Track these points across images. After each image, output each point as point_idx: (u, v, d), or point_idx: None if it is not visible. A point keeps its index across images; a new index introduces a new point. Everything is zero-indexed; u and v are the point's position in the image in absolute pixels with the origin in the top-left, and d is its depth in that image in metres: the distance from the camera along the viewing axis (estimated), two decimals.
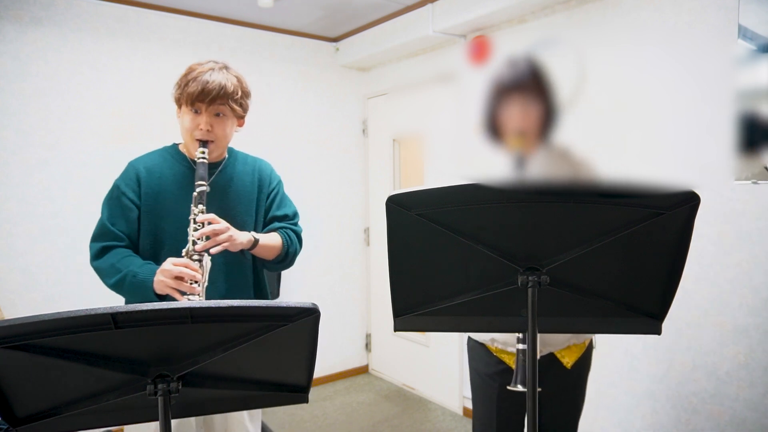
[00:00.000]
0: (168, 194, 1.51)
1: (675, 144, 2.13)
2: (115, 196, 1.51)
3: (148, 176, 1.52)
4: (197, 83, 1.45)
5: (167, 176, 1.53)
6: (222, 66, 1.52)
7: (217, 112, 1.49)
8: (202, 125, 1.48)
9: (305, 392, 1.04)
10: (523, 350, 1.36)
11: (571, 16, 2.49)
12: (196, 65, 1.51)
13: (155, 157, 1.58)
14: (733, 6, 1.96)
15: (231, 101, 1.50)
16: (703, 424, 2.14)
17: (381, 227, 3.84)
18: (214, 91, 1.45)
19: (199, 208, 1.43)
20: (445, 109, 2.97)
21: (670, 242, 0.98)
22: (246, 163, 1.67)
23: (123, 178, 1.54)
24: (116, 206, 1.50)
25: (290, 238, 1.67)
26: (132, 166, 1.55)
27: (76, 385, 0.91)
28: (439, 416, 3.24)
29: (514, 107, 1.29)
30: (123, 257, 1.46)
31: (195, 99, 1.46)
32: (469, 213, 0.99)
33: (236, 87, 1.51)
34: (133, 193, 1.50)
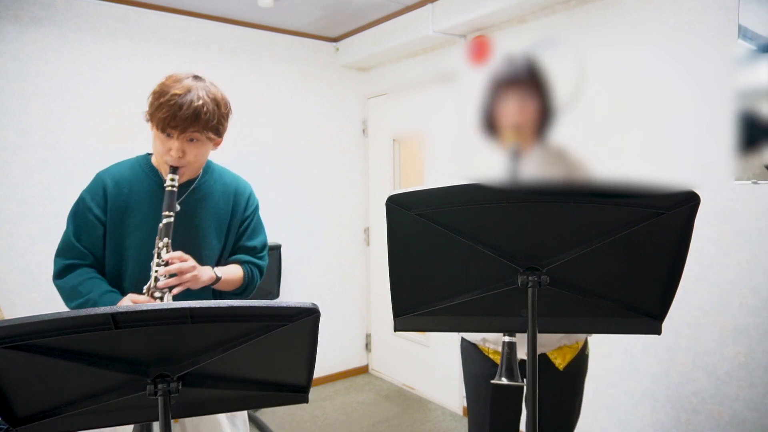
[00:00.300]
0: (135, 211, 1.42)
1: (675, 144, 2.13)
2: (81, 211, 1.43)
3: (115, 190, 1.42)
4: (170, 108, 1.31)
5: (136, 191, 1.43)
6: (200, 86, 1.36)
7: (191, 137, 1.36)
8: (174, 151, 1.35)
9: (305, 392, 1.04)
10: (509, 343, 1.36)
11: (571, 16, 2.49)
12: (170, 82, 1.35)
13: (125, 168, 1.47)
14: (733, 6, 1.96)
15: (207, 129, 1.36)
16: (703, 424, 2.14)
17: (381, 227, 3.84)
18: (188, 119, 1.32)
19: (164, 241, 1.34)
20: (445, 109, 2.97)
21: (670, 242, 0.98)
22: (223, 183, 1.54)
23: (89, 191, 1.43)
24: (81, 221, 1.42)
25: (252, 274, 1.57)
26: (99, 179, 1.44)
27: (76, 385, 0.91)
28: (439, 416, 3.24)
29: (511, 102, 1.30)
30: (86, 279, 1.39)
31: (167, 125, 1.32)
32: (469, 213, 0.99)
33: (212, 113, 1.36)
34: (98, 208, 1.41)
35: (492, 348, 1.54)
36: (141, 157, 1.52)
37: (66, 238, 1.44)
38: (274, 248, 3.27)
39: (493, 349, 1.54)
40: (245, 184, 1.61)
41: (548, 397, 1.49)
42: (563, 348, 1.49)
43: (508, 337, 1.36)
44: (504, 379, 1.33)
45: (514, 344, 1.37)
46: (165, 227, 1.35)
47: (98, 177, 1.46)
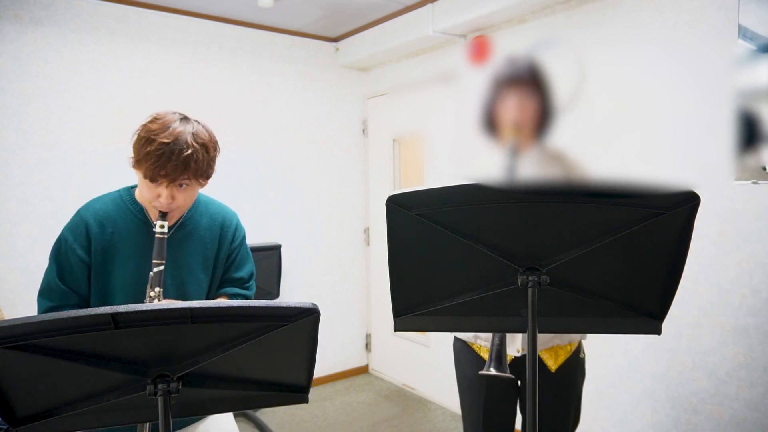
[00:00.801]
0: (119, 251, 1.37)
1: (675, 144, 2.13)
2: (64, 251, 1.37)
3: (99, 230, 1.37)
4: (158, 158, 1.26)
5: (120, 230, 1.38)
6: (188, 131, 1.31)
7: (180, 183, 1.31)
8: (163, 198, 1.30)
9: (305, 392, 1.04)
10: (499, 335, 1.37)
11: (571, 16, 2.49)
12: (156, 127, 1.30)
13: (108, 205, 1.42)
14: (733, 6, 1.96)
15: (196, 176, 1.32)
16: (703, 424, 2.14)
17: (381, 227, 3.84)
18: (178, 168, 1.27)
19: (156, 291, 1.30)
20: (445, 109, 2.97)
21: (670, 242, 0.98)
22: (209, 215, 1.49)
23: (72, 232, 1.39)
24: (64, 261, 1.37)
25: None
26: (82, 219, 1.39)
27: (76, 385, 0.91)
28: (439, 416, 3.24)
29: (511, 100, 1.31)
30: None
31: (156, 175, 1.27)
32: (469, 213, 0.99)
33: (201, 160, 1.31)
34: (82, 249, 1.36)
35: (484, 345, 1.54)
36: (123, 192, 1.46)
37: (49, 279, 1.37)
38: (274, 248, 3.27)
39: (485, 347, 1.54)
40: (231, 214, 1.56)
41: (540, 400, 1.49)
42: (556, 349, 1.49)
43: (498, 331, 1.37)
44: (492, 369, 1.34)
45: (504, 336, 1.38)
46: (156, 276, 1.31)
47: (80, 216, 1.40)
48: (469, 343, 1.58)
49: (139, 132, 1.34)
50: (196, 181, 1.34)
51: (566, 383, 1.52)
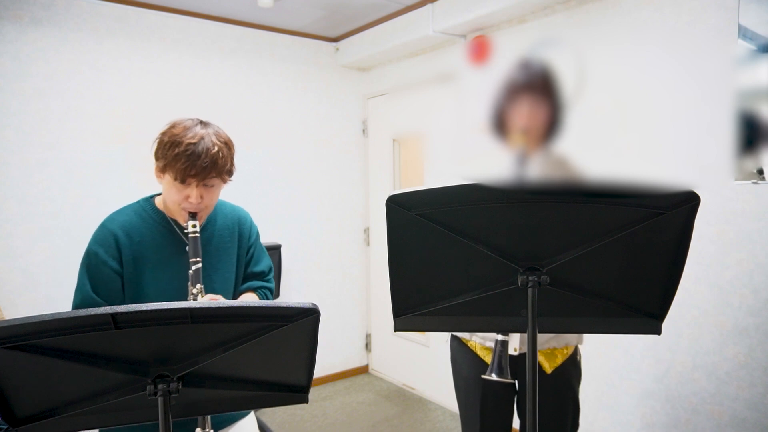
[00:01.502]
0: (148, 260, 1.40)
1: (675, 144, 2.13)
2: (95, 264, 1.38)
3: (128, 241, 1.39)
4: (187, 158, 1.32)
5: (147, 240, 1.41)
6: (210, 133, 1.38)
7: (207, 183, 1.38)
8: (192, 198, 1.36)
9: (305, 392, 1.04)
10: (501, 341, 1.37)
11: (571, 16, 2.49)
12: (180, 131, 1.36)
13: (131, 216, 1.44)
14: (733, 6, 1.96)
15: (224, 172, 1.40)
16: (703, 424, 2.14)
17: (381, 227, 3.85)
18: (207, 167, 1.34)
19: (197, 287, 1.35)
20: (445, 109, 2.97)
21: (670, 242, 0.98)
22: (224, 216, 1.56)
23: (101, 244, 1.39)
24: (97, 275, 1.38)
25: (267, 298, 1.64)
26: (108, 230, 1.41)
27: (76, 385, 0.91)
28: (439, 416, 3.24)
29: (523, 106, 1.32)
30: None
31: (186, 175, 1.33)
32: (469, 213, 0.99)
33: (226, 156, 1.40)
34: (114, 261, 1.38)
35: (479, 343, 1.53)
36: (143, 202, 1.49)
37: (84, 294, 1.38)
38: (274, 248, 3.27)
39: (480, 344, 1.54)
40: (244, 212, 1.64)
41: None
42: (553, 351, 1.49)
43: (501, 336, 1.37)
44: (494, 375, 1.35)
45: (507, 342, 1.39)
46: (195, 273, 1.36)
47: (106, 228, 1.42)
48: (464, 340, 1.57)
49: (161, 138, 1.38)
50: (221, 179, 1.41)
51: (562, 386, 1.52)
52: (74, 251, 2.81)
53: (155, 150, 1.40)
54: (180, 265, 1.40)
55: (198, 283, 1.35)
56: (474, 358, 1.55)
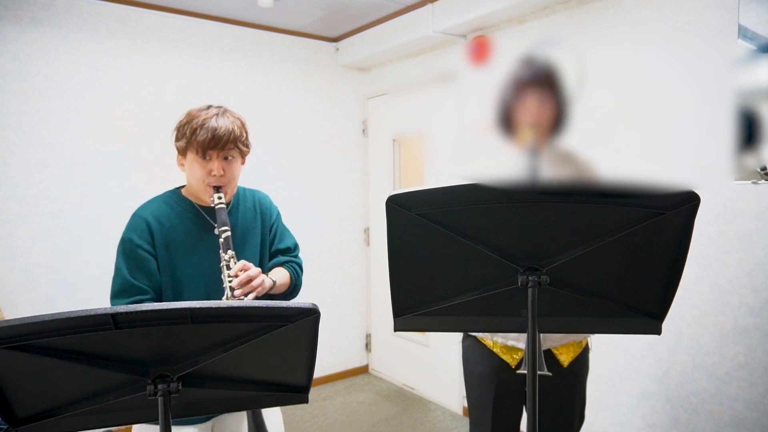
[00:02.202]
0: (179, 244, 1.48)
1: (675, 144, 2.13)
2: (130, 249, 1.45)
3: (159, 227, 1.47)
4: (206, 130, 1.43)
5: (176, 225, 1.49)
6: (224, 110, 1.51)
7: (227, 155, 1.48)
8: (215, 171, 1.46)
9: (305, 392, 1.04)
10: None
11: (571, 16, 2.49)
12: (196, 111, 1.48)
13: (160, 205, 1.53)
14: (733, 6, 1.96)
15: (240, 143, 1.50)
16: (703, 424, 2.14)
17: (381, 227, 3.85)
18: (225, 136, 1.44)
19: (228, 254, 1.42)
20: (445, 109, 2.97)
21: (671, 242, 0.98)
22: (246, 200, 1.65)
23: (134, 230, 1.47)
24: (133, 260, 1.44)
25: (296, 272, 1.68)
26: (140, 218, 1.49)
27: (76, 385, 0.91)
28: (439, 416, 3.24)
29: (531, 101, 1.33)
30: None
31: (206, 146, 1.43)
32: (469, 213, 0.99)
33: (241, 129, 1.51)
34: (148, 244, 1.45)
35: (501, 342, 1.53)
36: (169, 193, 1.57)
37: (122, 280, 1.44)
38: None
39: (501, 343, 1.53)
40: (263, 194, 1.74)
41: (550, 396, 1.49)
42: (569, 344, 1.49)
43: None
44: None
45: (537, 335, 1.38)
46: (225, 241, 1.43)
47: (137, 216, 1.49)
48: (482, 339, 1.57)
49: (179, 123, 1.50)
50: (239, 151, 1.51)
51: (575, 379, 1.53)
52: (74, 251, 2.81)
53: (175, 136, 1.51)
54: (210, 247, 1.48)
55: (229, 250, 1.42)
56: (489, 356, 1.54)
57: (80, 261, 2.83)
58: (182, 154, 1.51)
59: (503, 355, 1.52)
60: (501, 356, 1.52)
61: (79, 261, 2.82)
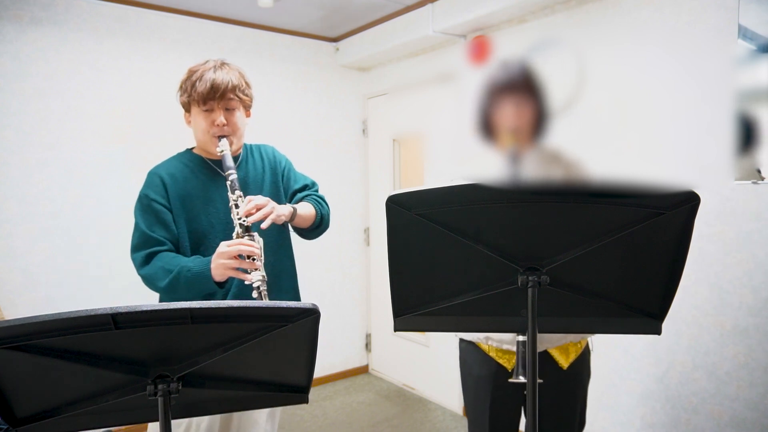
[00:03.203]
0: (194, 198, 1.53)
1: (675, 144, 2.13)
2: (146, 204, 1.51)
3: (172, 182, 1.53)
4: (204, 82, 1.48)
5: (190, 180, 1.55)
6: (222, 63, 1.56)
7: (228, 106, 1.53)
8: (218, 121, 1.51)
9: (305, 392, 1.04)
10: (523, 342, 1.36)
11: (571, 16, 2.49)
12: (196, 67, 1.54)
13: (174, 163, 1.59)
14: (733, 6, 1.96)
15: (239, 92, 1.54)
16: (703, 424, 2.14)
17: (381, 227, 3.84)
18: (223, 86, 1.49)
19: (236, 194, 1.46)
20: (445, 109, 2.97)
21: (670, 242, 0.98)
22: (254, 152, 1.70)
23: (149, 186, 1.53)
24: (150, 214, 1.49)
25: (320, 203, 1.74)
26: (155, 174, 1.55)
27: (76, 385, 0.91)
28: (439, 416, 3.24)
29: (508, 106, 1.33)
30: (171, 258, 1.46)
31: (206, 97, 1.48)
32: (469, 213, 0.99)
33: (240, 79, 1.55)
34: (162, 198, 1.51)
35: (495, 346, 1.53)
36: (182, 153, 1.63)
37: (140, 233, 1.49)
38: None
39: (496, 347, 1.53)
40: (269, 146, 1.77)
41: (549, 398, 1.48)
42: (567, 346, 1.49)
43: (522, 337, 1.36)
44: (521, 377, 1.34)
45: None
46: (231, 183, 1.47)
47: (152, 173, 1.56)
48: (478, 343, 1.57)
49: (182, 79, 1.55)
50: (240, 101, 1.55)
51: (576, 382, 1.52)
52: (74, 251, 2.81)
53: (179, 95, 1.57)
54: (224, 197, 1.53)
55: (236, 190, 1.46)
56: (485, 358, 1.54)
57: (80, 261, 2.83)
58: (187, 111, 1.57)
59: (499, 359, 1.51)
60: (497, 360, 1.52)
61: (79, 261, 2.82)
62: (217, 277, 1.40)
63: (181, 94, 1.56)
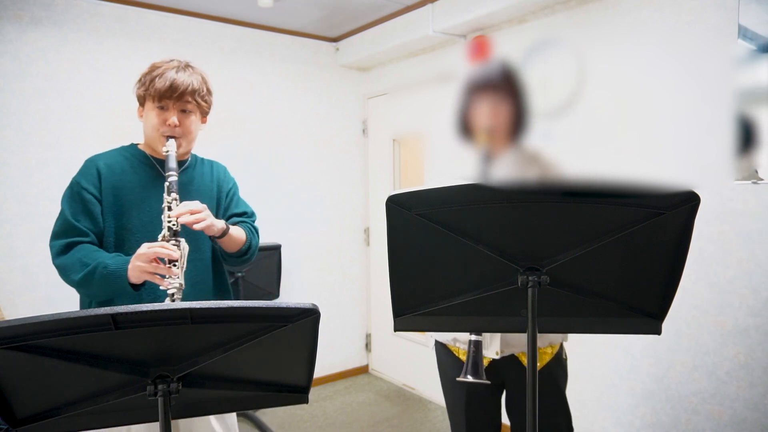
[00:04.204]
0: (129, 192, 1.48)
1: (675, 144, 2.13)
2: (76, 192, 1.47)
3: (108, 172, 1.48)
4: (164, 80, 1.46)
5: (128, 173, 1.50)
6: (186, 64, 1.54)
7: (184, 108, 1.50)
8: (170, 120, 1.47)
9: (305, 392, 1.04)
10: (474, 341, 1.37)
11: (571, 16, 2.49)
12: (160, 63, 1.52)
13: (115, 154, 1.55)
14: (733, 6, 1.96)
15: (198, 97, 1.51)
16: (703, 424, 2.14)
17: (381, 227, 3.84)
18: (182, 87, 1.46)
19: (171, 196, 1.41)
20: (445, 109, 2.97)
21: (670, 242, 0.98)
22: (204, 165, 1.68)
23: (82, 174, 1.49)
24: (78, 202, 1.46)
25: (252, 232, 1.69)
26: (91, 162, 1.51)
27: (76, 385, 0.91)
28: (439, 416, 3.24)
29: (484, 106, 1.33)
30: (90, 252, 1.41)
31: (163, 95, 1.45)
32: (469, 213, 0.99)
33: (201, 84, 1.53)
34: (94, 188, 1.46)
35: (462, 348, 1.52)
36: (127, 146, 1.60)
37: (63, 220, 1.46)
38: (274, 248, 3.27)
39: (463, 349, 1.52)
40: (221, 165, 1.74)
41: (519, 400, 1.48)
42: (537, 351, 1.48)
43: (474, 336, 1.37)
44: (469, 376, 1.35)
45: (480, 342, 1.39)
46: (170, 184, 1.43)
47: (90, 161, 1.52)
48: (448, 345, 1.57)
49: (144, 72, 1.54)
50: (197, 105, 1.52)
51: (549, 385, 1.50)
52: None
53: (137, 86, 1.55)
54: (160, 199, 1.45)
55: (173, 193, 1.41)
56: (456, 360, 1.54)
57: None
58: (141, 104, 1.54)
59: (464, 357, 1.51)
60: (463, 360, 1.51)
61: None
62: (133, 279, 1.35)
63: (138, 87, 1.54)
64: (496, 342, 1.46)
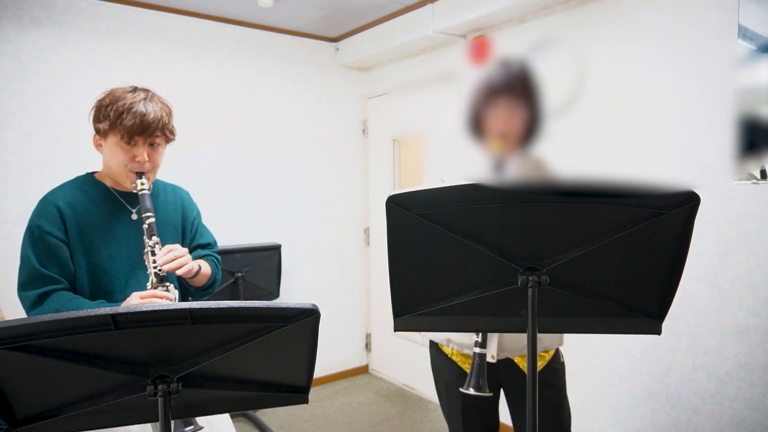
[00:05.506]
0: (95, 228, 1.41)
1: (675, 144, 2.13)
2: (38, 237, 1.38)
3: (71, 211, 1.39)
4: (133, 115, 1.37)
5: (91, 211, 1.42)
6: (151, 95, 1.47)
7: (152, 142, 1.43)
8: (140, 157, 1.40)
9: (305, 393, 1.04)
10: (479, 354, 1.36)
11: (571, 16, 2.49)
12: (121, 93, 1.43)
13: (72, 190, 1.46)
14: (733, 6, 1.96)
15: (167, 130, 1.46)
16: (703, 424, 2.14)
17: (381, 227, 3.84)
18: (154, 123, 1.39)
19: (153, 240, 1.37)
20: (445, 109, 2.97)
21: (670, 242, 0.98)
22: (166, 191, 1.60)
23: (42, 217, 1.39)
24: (42, 247, 1.36)
25: (216, 265, 1.66)
26: (49, 203, 1.41)
27: (76, 386, 0.91)
28: (439, 416, 3.24)
29: (501, 109, 1.30)
30: (68, 300, 1.33)
31: (133, 132, 1.37)
32: (469, 213, 0.99)
33: (169, 116, 1.47)
34: (58, 230, 1.37)
35: (456, 349, 1.52)
36: (82, 177, 1.52)
37: (30, 269, 1.37)
38: (274, 248, 3.27)
39: (457, 351, 1.52)
40: (185, 190, 1.67)
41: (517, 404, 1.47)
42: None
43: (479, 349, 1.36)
44: (472, 389, 1.35)
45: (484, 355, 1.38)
46: (149, 227, 1.39)
47: (47, 201, 1.42)
48: (441, 345, 1.56)
49: (101, 102, 1.44)
50: (165, 138, 1.47)
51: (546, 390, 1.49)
52: None
53: (94, 116, 1.46)
54: (127, 232, 1.43)
55: (153, 236, 1.38)
56: (452, 363, 1.54)
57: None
58: (103, 137, 1.45)
59: (462, 364, 1.50)
60: (460, 364, 1.51)
61: None
62: None
63: (98, 119, 1.44)
64: (492, 347, 1.45)
